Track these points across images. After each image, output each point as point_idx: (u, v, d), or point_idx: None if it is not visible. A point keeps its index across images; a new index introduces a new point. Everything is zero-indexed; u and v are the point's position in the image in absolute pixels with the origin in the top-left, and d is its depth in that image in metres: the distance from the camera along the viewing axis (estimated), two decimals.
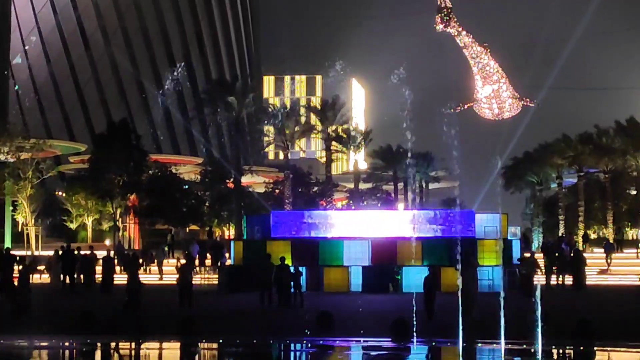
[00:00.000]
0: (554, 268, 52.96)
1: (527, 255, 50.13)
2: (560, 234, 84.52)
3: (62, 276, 52.66)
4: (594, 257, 66.39)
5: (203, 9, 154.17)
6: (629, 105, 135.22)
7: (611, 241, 74.44)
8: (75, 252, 53.90)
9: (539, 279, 47.44)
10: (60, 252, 53.95)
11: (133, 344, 27.59)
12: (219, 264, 58.10)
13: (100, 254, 56.02)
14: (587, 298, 44.96)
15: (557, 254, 53.97)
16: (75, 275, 52.65)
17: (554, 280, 52.66)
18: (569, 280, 52.75)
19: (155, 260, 63.50)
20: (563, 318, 28.99)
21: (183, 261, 46.15)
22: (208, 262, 62.09)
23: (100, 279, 51.67)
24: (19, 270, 41.06)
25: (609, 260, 64.49)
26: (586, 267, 53.42)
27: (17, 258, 52.16)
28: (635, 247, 76.46)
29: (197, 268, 58.75)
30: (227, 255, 58.70)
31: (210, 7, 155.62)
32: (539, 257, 56.08)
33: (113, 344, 27.42)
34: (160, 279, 59.17)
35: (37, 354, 26.04)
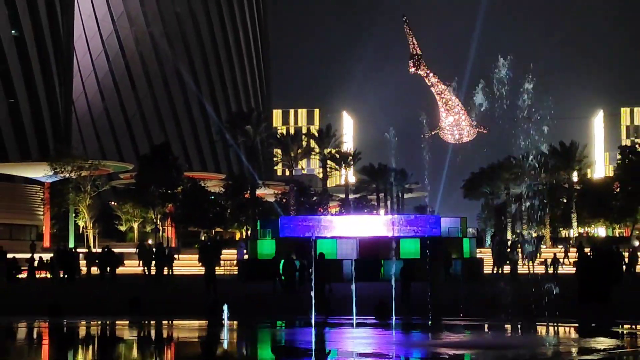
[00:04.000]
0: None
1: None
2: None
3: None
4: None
5: (225, 56, 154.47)
6: (560, 132, 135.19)
7: (548, 239, 73.72)
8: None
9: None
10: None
11: (167, 322, 27.50)
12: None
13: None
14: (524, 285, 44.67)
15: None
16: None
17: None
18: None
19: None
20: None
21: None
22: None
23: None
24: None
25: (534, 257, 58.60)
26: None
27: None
28: (567, 243, 76.56)
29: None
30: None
31: (230, 54, 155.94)
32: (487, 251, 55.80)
33: (153, 322, 27.33)
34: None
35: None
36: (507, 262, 50.07)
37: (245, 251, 57.31)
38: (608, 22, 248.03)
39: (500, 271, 50.71)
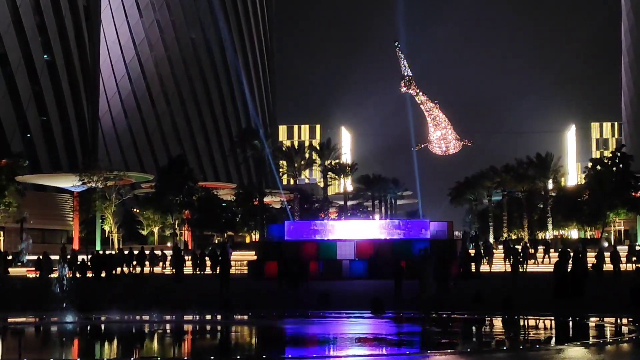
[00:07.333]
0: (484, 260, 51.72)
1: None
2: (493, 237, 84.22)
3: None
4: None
5: (236, 78, 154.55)
6: (536, 144, 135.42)
7: (526, 241, 73.01)
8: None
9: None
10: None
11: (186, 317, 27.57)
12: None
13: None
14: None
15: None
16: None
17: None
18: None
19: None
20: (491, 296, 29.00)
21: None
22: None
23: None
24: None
25: (507, 261, 54.64)
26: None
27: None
28: (543, 245, 76.27)
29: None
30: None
31: (240, 76, 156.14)
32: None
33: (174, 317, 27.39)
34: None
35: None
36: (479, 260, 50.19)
37: (231, 252, 57.69)
38: (582, 49, 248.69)
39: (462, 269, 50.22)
